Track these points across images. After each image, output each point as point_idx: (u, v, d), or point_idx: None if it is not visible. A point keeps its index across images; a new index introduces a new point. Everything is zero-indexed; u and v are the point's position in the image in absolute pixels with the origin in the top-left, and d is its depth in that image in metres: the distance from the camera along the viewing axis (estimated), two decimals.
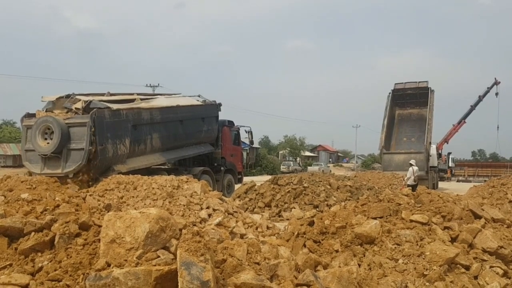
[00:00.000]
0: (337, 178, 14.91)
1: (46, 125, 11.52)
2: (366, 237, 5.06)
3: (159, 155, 14.18)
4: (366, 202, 6.39)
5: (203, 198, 8.78)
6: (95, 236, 3.41)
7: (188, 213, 8.19)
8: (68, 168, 11.34)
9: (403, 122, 27.69)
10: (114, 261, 2.95)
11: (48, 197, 6.16)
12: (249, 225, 8.38)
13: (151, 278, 2.77)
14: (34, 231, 3.56)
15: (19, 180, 8.17)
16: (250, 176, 33.07)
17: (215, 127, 17.13)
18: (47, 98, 12.98)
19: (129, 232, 3.03)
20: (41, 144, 11.55)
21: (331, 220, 5.54)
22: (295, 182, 13.01)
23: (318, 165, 58.78)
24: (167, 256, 2.93)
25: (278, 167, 54.94)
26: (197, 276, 2.64)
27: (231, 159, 18.15)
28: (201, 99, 17.29)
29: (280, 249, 4.27)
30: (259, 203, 12.72)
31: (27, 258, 3.43)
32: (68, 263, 3.13)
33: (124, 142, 12.36)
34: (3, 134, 55.30)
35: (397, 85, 27.77)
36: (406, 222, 5.48)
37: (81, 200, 6.71)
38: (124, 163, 12.52)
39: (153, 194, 8.80)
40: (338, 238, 5.19)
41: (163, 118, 14.09)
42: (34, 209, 4.55)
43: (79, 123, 11.48)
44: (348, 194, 13.34)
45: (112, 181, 9.39)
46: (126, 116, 12.50)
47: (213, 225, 7.33)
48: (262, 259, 3.39)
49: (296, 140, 72.26)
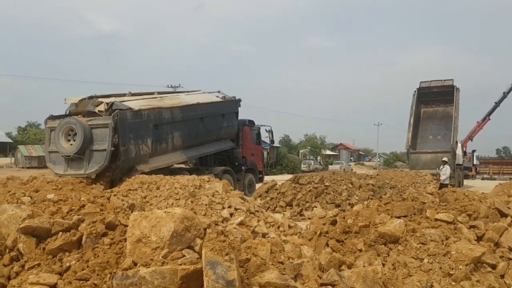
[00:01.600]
0: (359, 176, 14.76)
1: (69, 126, 11.72)
2: (390, 236, 5.01)
3: (180, 153, 14.29)
4: (389, 201, 6.34)
5: (225, 197, 8.82)
6: (121, 235, 3.45)
7: (210, 212, 8.24)
8: (91, 169, 11.52)
9: (428, 120, 27.50)
10: (140, 260, 2.99)
11: (73, 197, 6.30)
12: (271, 224, 8.39)
13: (177, 277, 2.80)
14: (61, 231, 3.63)
15: (45, 181, 8.35)
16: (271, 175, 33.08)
17: (235, 123, 17.15)
18: (70, 100, 13.20)
19: (155, 232, 3.07)
20: (64, 146, 11.76)
21: (354, 219, 5.50)
22: (317, 181, 12.95)
23: (339, 164, 58.38)
24: (192, 255, 2.95)
25: (298, 166, 54.76)
26: (222, 275, 2.65)
27: (252, 159, 18.17)
28: (220, 95, 17.32)
29: (303, 248, 4.26)
30: (281, 202, 12.71)
31: (55, 258, 3.50)
32: (95, 263, 3.19)
33: (146, 142, 12.50)
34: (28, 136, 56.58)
35: (423, 83, 27.60)
36: (431, 221, 5.41)
37: (105, 200, 6.84)
38: (147, 162, 12.66)
39: (176, 194, 8.88)
40: (362, 237, 5.14)
41: (184, 116, 14.18)
42: (60, 209, 4.65)
43: (102, 124, 11.64)
44: (371, 193, 13.22)
45: (135, 181, 9.51)
46: (147, 116, 12.63)
47: (235, 224, 7.36)
48: (286, 258, 3.39)
49: (316, 139, 71.96)
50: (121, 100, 12.91)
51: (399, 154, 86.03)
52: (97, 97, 13.05)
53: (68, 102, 13.17)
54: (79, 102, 12.91)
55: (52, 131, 12.27)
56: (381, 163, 78.77)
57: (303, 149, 72.27)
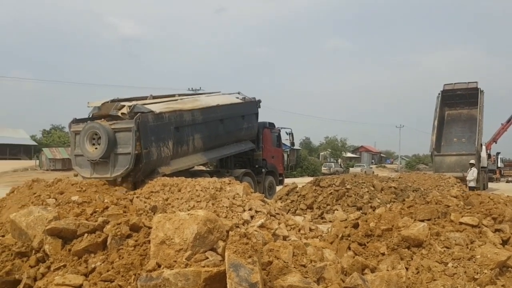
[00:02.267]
0: (380, 179, 14.60)
1: (93, 131, 11.91)
2: (413, 240, 4.94)
3: (201, 155, 14.39)
4: (412, 204, 6.25)
5: (245, 200, 8.83)
6: (145, 237, 3.49)
7: (230, 215, 8.25)
8: (116, 173, 11.71)
9: (453, 123, 27.28)
10: (164, 262, 3.02)
11: (97, 199, 6.39)
12: (292, 227, 8.36)
13: (200, 279, 2.82)
14: (87, 233, 3.69)
15: (70, 183, 8.49)
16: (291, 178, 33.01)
17: (255, 124, 17.18)
18: (93, 103, 13.43)
19: (178, 234, 3.10)
20: (90, 150, 11.96)
21: (376, 223, 5.44)
22: (338, 183, 12.86)
23: (360, 166, 57.91)
24: (215, 257, 2.97)
25: (319, 168, 54.52)
26: (245, 278, 2.66)
27: (272, 161, 18.17)
28: (240, 96, 17.37)
29: (325, 251, 4.24)
30: (301, 205, 12.65)
31: (81, 259, 3.55)
32: (120, 264, 3.23)
33: (167, 145, 12.63)
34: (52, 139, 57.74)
35: (447, 86, 27.44)
36: (456, 225, 5.32)
37: (128, 202, 6.92)
38: (168, 164, 12.78)
39: (197, 196, 8.93)
40: (384, 241, 5.08)
41: (204, 118, 14.27)
42: (84, 211, 4.73)
43: (125, 128, 11.80)
44: (393, 196, 13.05)
45: (157, 183, 9.60)
46: (168, 118, 12.76)
47: (256, 227, 7.36)
48: (308, 261, 3.37)
49: (337, 141, 71.52)
50: (143, 103, 13.08)
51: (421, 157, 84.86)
52: (119, 100, 13.24)
53: (91, 105, 13.40)
54: (102, 105, 13.12)
55: (76, 135, 12.49)
56: (403, 166, 77.78)
57: (323, 151, 71.93)
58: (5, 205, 7.70)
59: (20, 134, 61.03)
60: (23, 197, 7.84)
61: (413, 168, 68.10)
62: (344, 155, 74.53)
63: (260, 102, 17.71)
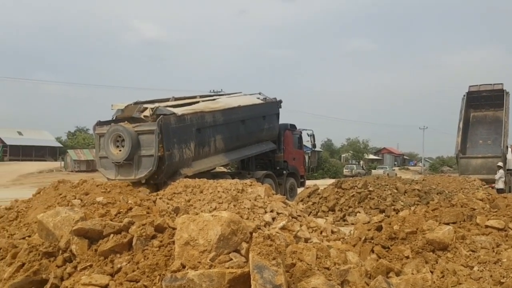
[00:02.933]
0: (404, 181, 14.41)
1: (117, 133, 12.10)
2: (438, 243, 4.87)
3: (222, 156, 14.46)
4: (437, 206, 6.17)
5: (267, 201, 8.84)
6: (169, 238, 3.53)
7: (252, 216, 8.27)
8: (140, 174, 11.88)
9: (478, 125, 26.92)
10: (188, 263, 3.05)
11: (121, 200, 6.47)
12: (313, 229, 8.33)
13: (225, 280, 2.83)
14: (112, 233, 3.74)
15: (95, 184, 8.61)
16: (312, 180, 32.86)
17: (276, 124, 17.19)
18: (116, 106, 13.65)
19: (202, 235, 3.12)
20: (114, 152, 12.16)
21: (400, 225, 5.38)
22: (360, 185, 12.75)
23: (382, 168, 57.29)
24: (239, 259, 2.98)
25: (340, 170, 54.18)
26: (269, 279, 2.67)
27: (294, 163, 18.13)
28: (261, 97, 17.39)
29: (348, 254, 4.20)
30: (323, 207, 12.59)
31: (107, 259, 3.60)
32: (145, 264, 3.27)
33: (189, 146, 12.74)
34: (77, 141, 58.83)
35: (472, 87, 27.15)
36: (481, 228, 5.22)
37: (151, 203, 6.98)
38: (190, 166, 12.89)
39: (219, 198, 8.98)
40: (408, 244, 5.02)
41: (226, 119, 14.34)
42: (108, 212, 4.80)
43: (148, 130, 11.96)
44: (417, 198, 12.86)
45: (180, 184, 9.69)
46: (190, 120, 12.87)
47: (277, 229, 7.35)
48: (332, 264, 3.35)
49: (359, 143, 70.96)
50: (165, 105, 13.23)
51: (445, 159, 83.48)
52: (141, 102, 13.43)
53: (115, 108, 13.62)
54: (125, 108, 13.33)
55: (101, 137, 12.71)
56: (427, 168, 76.63)
57: (345, 153, 71.47)
58: (32, 205, 7.85)
59: (45, 136, 62.34)
60: (49, 198, 7.99)
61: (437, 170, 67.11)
62: (366, 157, 73.89)
63: (281, 102, 17.70)
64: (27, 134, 59.85)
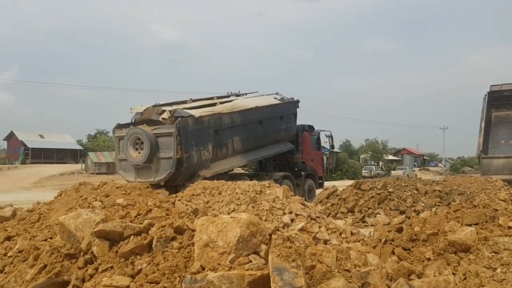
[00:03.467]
0: (424, 182, 14.20)
1: (136, 136, 12.23)
2: (460, 245, 4.79)
3: (240, 157, 14.47)
4: (459, 208, 6.08)
5: (286, 203, 8.81)
6: (189, 240, 3.54)
7: (271, 218, 8.25)
8: (160, 176, 11.97)
9: (500, 124, 26.48)
10: (208, 264, 3.06)
11: (141, 202, 6.53)
12: (333, 230, 8.27)
13: (244, 282, 2.83)
14: (133, 235, 3.78)
15: (115, 186, 8.71)
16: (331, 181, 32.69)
17: (294, 124, 17.12)
18: (135, 109, 13.81)
19: (221, 237, 3.13)
20: (133, 155, 12.29)
21: (421, 227, 5.31)
22: (379, 186, 12.61)
23: (402, 169, 56.61)
24: (259, 261, 2.97)
25: (359, 171, 53.73)
26: (289, 282, 2.65)
27: (312, 164, 18.04)
28: (278, 97, 17.34)
29: (368, 256, 4.16)
30: (342, 209, 12.49)
31: (127, 261, 3.63)
32: (165, 266, 3.29)
33: (207, 148, 12.78)
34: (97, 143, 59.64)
35: (493, 87, 26.75)
36: (504, 229, 5.13)
37: (170, 205, 7.02)
38: (208, 167, 12.93)
39: (237, 199, 8.98)
40: (430, 246, 4.95)
41: (243, 120, 14.33)
42: (128, 214, 4.85)
43: (166, 133, 12.04)
44: (437, 199, 12.66)
45: (198, 186, 9.73)
46: (208, 122, 12.91)
47: (296, 230, 7.32)
48: (352, 266, 3.32)
49: (378, 144, 70.27)
50: (183, 107, 13.30)
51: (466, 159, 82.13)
52: (160, 105, 13.54)
53: (134, 111, 13.77)
54: (144, 111, 13.47)
55: (120, 140, 12.85)
56: (448, 169, 75.49)
57: (364, 154, 70.87)
58: (53, 207, 7.98)
59: (66, 138, 63.37)
60: (70, 200, 8.10)
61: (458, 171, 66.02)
62: (385, 157, 73.13)
63: (298, 102, 17.62)
64: (49, 137, 60.94)
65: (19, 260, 4.62)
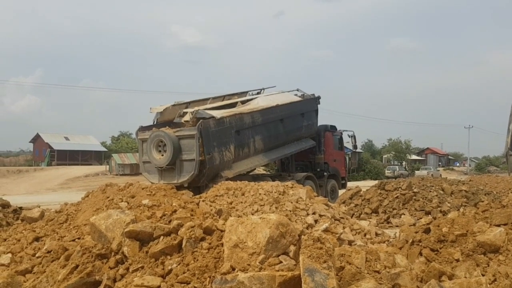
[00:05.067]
0: (450, 182, 13.97)
1: (159, 139, 12.35)
2: (490, 245, 4.72)
3: (262, 156, 14.45)
4: (487, 208, 5.98)
5: (309, 203, 8.77)
6: (218, 240, 3.57)
7: (294, 218, 8.22)
8: (183, 178, 12.07)
9: None
10: (238, 265, 3.07)
11: (166, 202, 6.61)
12: (357, 231, 8.22)
13: (275, 283, 2.84)
14: (162, 235, 3.83)
15: (140, 187, 8.83)
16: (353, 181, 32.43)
17: (315, 121, 17.02)
18: (155, 109, 13.96)
19: (251, 237, 3.14)
20: (156, 157, 12.42)
21: (449, 228, 5.23)
22: (404, 187, 12.46)
23: (426, 169, 55.72)
24: (289, 261, 2.98)
25: (382, 171, 53.12)
26: (321, 283, 2.65)
27: (334, 164, 17.92)
28: (299, 93, 17.25)
29: (396, 257, 4.12)
30: (366, 209, 12.39)
31: (157, 261, 3.68)
32: (195, 266, 3.32)
33: (229, 148, 12.82)
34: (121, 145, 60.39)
35: None
36: None
37: (195, 205, 7.09)
38: (230, 168, 12.98)
39: (260, 200, 8.99)
40: (458, 247, 4.88)
41: (264, 119, 14.29)
42: (154, 214, 4.92)
43: (188, 135, 12.13)
44: (464, 199, 12.45)
45: (221, 187, 9.77)
46: (229, 123, 12.94)
47: (320, 231, 7.28)
48: (382, 267, 3.29)
49: (401, 143, 69.32)
50: (204, 108, 13.38)
51: (492, 158, 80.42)
52: (179, 104, 13.72)
53: (154, 111, 13.93)
54: (164, 110, 13.62)
55: (143, 142, 13.01)
56: (473, 168, 74.03)
57: (386, 154, 70.03)
58: (81, 208, 8.14)
59: (91, 140, 64.44)
60: (97, 201, 8.24)
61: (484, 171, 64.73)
62: (409, 157, 72.11)
63: (319, 98, 17.49)
64: (74, 139, 62.09)
65: (48, 260, 4.72)
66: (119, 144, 61.85)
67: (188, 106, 14.27)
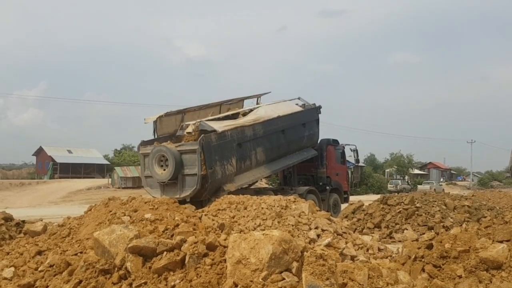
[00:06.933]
0: (453, 197, 13.94)
1: (161, 153, 12.38)
2: (492, 262, 4.71)
3: (264, 168, 14.40)
4: (490, 224, 5.97)
5: (311, 218, 8.75)
6: (221, 256, 3.58)
7: (296, 233, 8.20)
8: (185, 193, 12.05)
9: None
10: (240, 281, 3.08)
11: (168, 217, 6.61)
12: (359, 246, 8.17)
13: None
14: (165, 251, 3.83)
15: (143, 201, 8.84)
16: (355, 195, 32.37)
17: (316, 130, 17.01)
18: (149, 119, 14.04)
19: (254, 254, 3.15)
20: (158, 172, 12.43)
21: (452, 244, 5.22)
22: (407, 202, 12.44)
23: (429, 184, 55.43)
24: (292, 278, 2.99)
25: (384, 185, 52.95)
26: None
27: (337, 178, 17.89)
28: (301, 102, 17.23)
29: (399, 273, 4.12)
30: (368, 224, 12.34)
31: (161, 277, 3.69)
32: (198, 282, 3.33)
33: (231, 162, 12.81)
34: (123, 158, 60.43)
35: None
36: None
37: (197, 219, 7.10)
38: (233, 181, 12.95)
39: (263, 214, 8.96)
40: (461, 263, 4.87)
41: (266, 131, 14.25)
42: (156, 228, 4.93)
43: (190, 150, 12.13)
44: (467, 215, 12.40)
45: (224, 201, 9.76)
46: (231, 136, 12.95)
47: (323, 246, 7.26)
48: (384, 284, 3.30)
49: (403, 158, 69.22)
50: (207, 119, 13.43)
51: (495, 173, 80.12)
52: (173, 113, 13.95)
53: (148, 121, 13.99)
54: (158, 119, 13.70)
55: (145, 157, 13.03)
56: (475, 183, 73.72)
57: (389, 168, 69.89)
58: (83, 222, 8.15)
59: (93, 153, 64.51)
60: (100, 214, 8.25)
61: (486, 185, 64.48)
62: (411, 171, 71.95)
63: (320, 107, 17.48)
64: (76, 152, 62.19)
65: (50, 274, 4.72)
66: (121, 157, 61.86)
67: (184, 115, 14.37)
